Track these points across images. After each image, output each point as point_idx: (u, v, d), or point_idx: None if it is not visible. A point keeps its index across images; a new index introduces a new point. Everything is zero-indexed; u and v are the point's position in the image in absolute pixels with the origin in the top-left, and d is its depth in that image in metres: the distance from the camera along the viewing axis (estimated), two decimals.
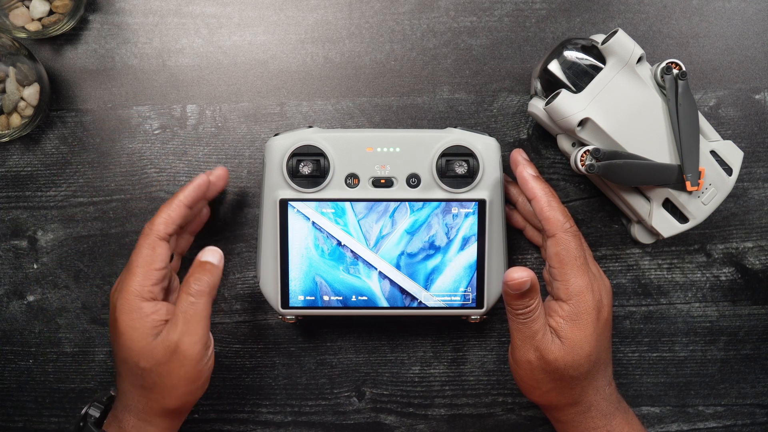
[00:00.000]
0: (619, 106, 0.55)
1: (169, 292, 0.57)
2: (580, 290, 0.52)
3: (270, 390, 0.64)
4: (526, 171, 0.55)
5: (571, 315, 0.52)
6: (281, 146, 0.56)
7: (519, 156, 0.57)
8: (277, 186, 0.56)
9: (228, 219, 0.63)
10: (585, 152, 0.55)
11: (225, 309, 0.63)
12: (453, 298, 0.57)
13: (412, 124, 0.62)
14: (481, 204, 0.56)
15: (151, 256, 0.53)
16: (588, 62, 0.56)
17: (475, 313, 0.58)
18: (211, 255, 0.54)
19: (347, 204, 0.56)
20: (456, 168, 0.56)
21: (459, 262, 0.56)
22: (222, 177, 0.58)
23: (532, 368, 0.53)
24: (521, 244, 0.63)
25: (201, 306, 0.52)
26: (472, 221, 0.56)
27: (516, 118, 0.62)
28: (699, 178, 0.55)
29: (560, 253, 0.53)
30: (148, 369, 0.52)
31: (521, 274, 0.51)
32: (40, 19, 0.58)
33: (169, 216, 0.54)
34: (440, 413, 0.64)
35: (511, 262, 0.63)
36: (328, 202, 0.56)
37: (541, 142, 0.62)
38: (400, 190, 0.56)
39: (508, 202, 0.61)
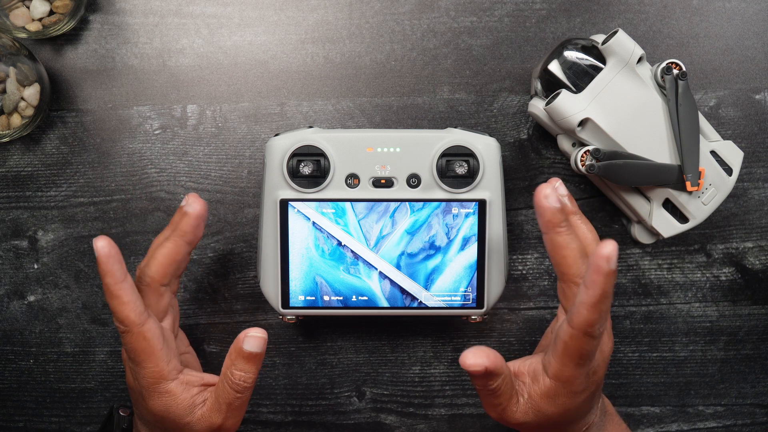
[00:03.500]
0: (620, 106, 0.55)
1: (168, 314, 0.55)
2: (569, 380, 0.48)
3: (270, 390, 0.64)
4: (610, 263, 0.43)
5: (549, 392, 0.49)
6: (281, 146, 0.56)
7: (548, 203, 0.47)
8: (277, 186, 0.56)
9: (228, 219, 0.63)
10: (585, 152, 0.55)
11: (225, 309, 0.63)
12: (453, 298, 0.57)
13: (413, 124, 0.62)
14: (482, 204, 0.56)
15: (147, 347, 0.49)
16: (588, 62, 0.56)
17: (476, 313, 0.58)
18: (256, 344, 0.49)
19: (347, 204, 0.56)
20: (456, 168, 0.56)
21: (459, 262, 0.56)
22: (200, 214, 0.53)
23: (496, 420, 0.52)
24: (521, 244, 0.63)
25: (246, 397, 0.51)
26: (473, 221, 0.56)
27: (516, 118, 0.62)
28: (699, 178, 0.56)
29: (569, 346, 0.47)
30: None
31: (475, 362, 0.46)
32: (40, 20, 0.58)
33: (122, 303, 0.49)
34: (440, 413, 0.64)
35: (512, 262, 0.63)
36: (329, 202, 0.56)
37: (541, 142, 0.62)
38: (400, 190, 0.56)
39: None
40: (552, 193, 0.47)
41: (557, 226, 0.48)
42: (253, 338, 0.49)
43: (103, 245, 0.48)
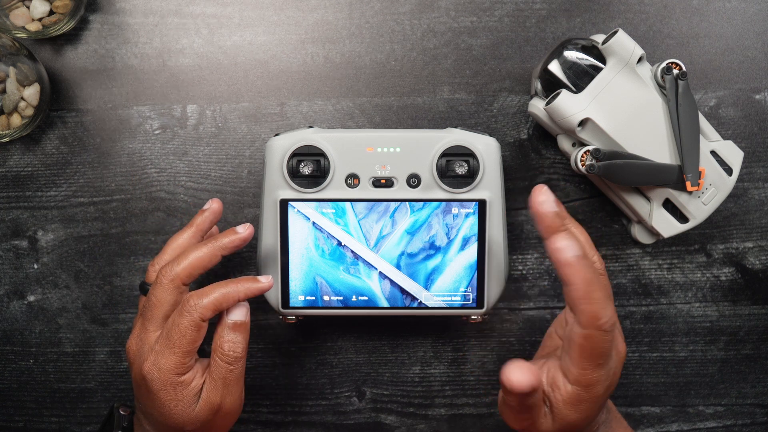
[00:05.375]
0: (620, 106, 0.55)
1: None
2: (591, 384, 0.47)
3: (270, 390, 0.64)
4: (569, 252, 0.44)
5: (573, 399, 0.48)
6: (281, 146, 0.56)
7: (544, 209, 0.46)
8: (277, 186, 0.56)
9: (228, 219, 0.63)
10: (585, 152, 0.55)
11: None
12: (453, 298, 0.57)
13: (413, 124, 0.62)
14: (482, 204, 0.56)
15: (194, 338, 0.50)
16: (588, 62, 0.56)
17: (476, 313, 0.58)
18: (240, 313, 0.51)
19: (347, 204, 0.56)
20: (456, 168, 0.56)
21: (459, 262, 0.56)
22: (216, 211, 0.57)
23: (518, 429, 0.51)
24: (521, 244, 0.63)
25: (239, 370, 0.51)
26: (473, 221, 0.56)
27: (516, 118, 0.62)
28: (699, 178, 0.55)
29: (584, 348, 0.46)
30: (192, 429, 0.52)
31: (522, 381, 0.44)
32: (40, 19, 0.58)
33: (217, 301, 0.50)
34: (440, 413, 0.64)
35: (512, 262, 0.63)
36: (329, 202, 0.56)
37: (541, 142, 0.62)
38: (400, 190, 0.56)
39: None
40: (547, 198, 0.47)
41: (558, 229, 0.47)
42: (236, 308, 0.51)
43: (269, 283, 0.52)
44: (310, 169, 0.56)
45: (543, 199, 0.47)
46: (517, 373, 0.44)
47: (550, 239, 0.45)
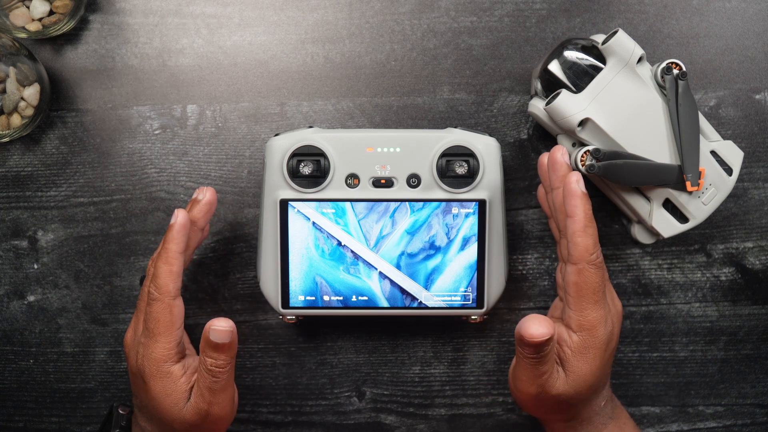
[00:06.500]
0: (620, 106, 0.55)
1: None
2: (593, 325, 0.50)
3: (270, 390, 0.64)
4: (579, 185, 0.50)
5: (580, 348, 0.50)
6: (281, 146, 0.56)
7: (563, 159, 0.52)
8: (277, 186, 0.56)
9: (228, 219, 0.63)
10: (585, 152, 0.55)
11: (225, 309, 0.63)
12: (453, 298, 0.57)
13: (413, 124, 0.62)
14: (482, 204, 0.56)
15: (170, 320, 0.51)
16: (588, 62, 0.56)
17: (476, 313, 0.58)
18: (220, 336, 0.50)
19: (347, 204, 0.56)
20: (456, 168, 0.56)
21: (459, 262, 0.56)
22: (211, 201, 0.55)
23: (531, 398, 0.52)
24: (521, 244, 0.63)
25: (224, 379, 0.51)
26: (473, 221, 0.56)
27: (516, 118, 0.62)
28: (699, 178, 0.56)
29: (579, 285, 0.50)
30: (181, 430, 0.52)
31: (541, 331, 0.47)
32: (40, 19, 0.58)
33: (171, 271, 0.51)
34: (440, 413, 0.64)
35: (511, 262, 0.63)
36: (329, 202, 0.56)
37: (541, 142, 0.62)
38: (400, 190, 0.56)
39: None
40: (565, 152, 0.53)
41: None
42: (216, 331, 0.50)
43: (183, 217, 0.52)
44: (310, 169, 0.56)
45: (563, 152, 0.52)
46: (535, 325, 0.47)
47: (568, 176, 0.50)
